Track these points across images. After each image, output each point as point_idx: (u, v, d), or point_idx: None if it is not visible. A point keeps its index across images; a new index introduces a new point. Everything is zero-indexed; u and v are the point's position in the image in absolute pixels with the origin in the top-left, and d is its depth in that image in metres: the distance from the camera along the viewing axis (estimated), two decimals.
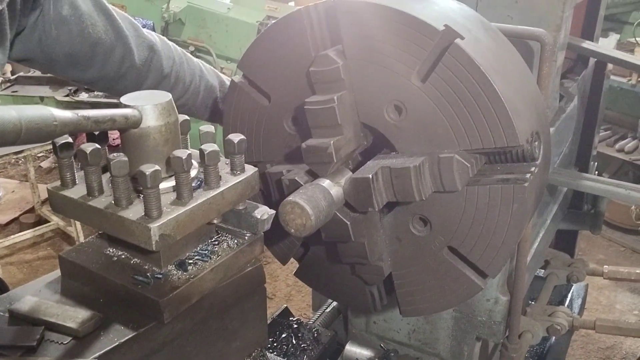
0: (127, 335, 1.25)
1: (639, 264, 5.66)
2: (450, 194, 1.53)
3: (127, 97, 1.31)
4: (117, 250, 1.39)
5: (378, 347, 2.55)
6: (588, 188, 2.53)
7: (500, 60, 1.56)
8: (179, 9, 5.06)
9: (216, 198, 1.32)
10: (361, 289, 1.80)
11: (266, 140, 1.79)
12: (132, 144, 1.30)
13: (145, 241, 1.21)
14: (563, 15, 2.07)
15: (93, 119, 1.16)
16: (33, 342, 1.21)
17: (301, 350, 2.48)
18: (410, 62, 1.49)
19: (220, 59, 5.04)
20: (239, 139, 1.38)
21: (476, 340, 2.37)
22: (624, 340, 4.76)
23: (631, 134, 6.08)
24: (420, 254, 1.65)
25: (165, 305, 1.27)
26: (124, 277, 1.32)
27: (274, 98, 1.72)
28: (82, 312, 1.27)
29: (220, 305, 1.44)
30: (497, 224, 1.52)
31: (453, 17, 1.55)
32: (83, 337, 1.23)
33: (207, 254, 1.39)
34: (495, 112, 1.43)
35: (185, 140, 1.47)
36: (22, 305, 1.30)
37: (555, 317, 2.62)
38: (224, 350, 1.49)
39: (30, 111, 1.02)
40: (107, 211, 1.25)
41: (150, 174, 1.17)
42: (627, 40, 5.96)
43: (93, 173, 1.27)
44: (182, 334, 1.36)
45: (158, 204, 1.21)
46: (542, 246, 2.67)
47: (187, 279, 1.32)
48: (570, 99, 2.59)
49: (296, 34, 1.62)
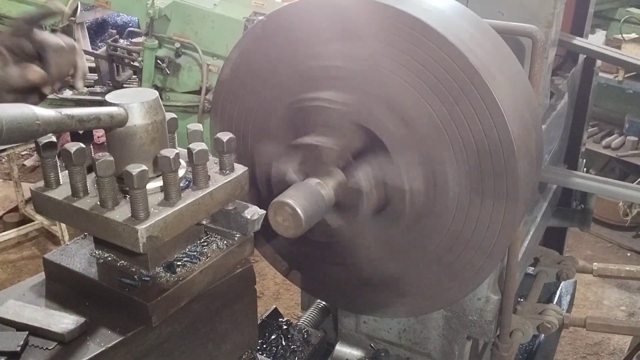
0: (114, 339, 1.21)
1: (626, 260, 5.70)
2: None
3: (113, 95, 1.28)
4: (104, 252, 1.36)
5: (368, 347, 2.53)
6: (578, 185, 2.53)
7: (496, 61, 1.57)
8: (164, 5, 5.00)
9: (205, 198, 1.29)
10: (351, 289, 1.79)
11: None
12: (117, 143, 1.27)
13: (133, 243, 1.18)
14: (554, 11, 2.06)
15: (77, 118, 1.12)
16: (17, 348, 1.17)
17: (291, 351, 2.46)
18: (413, 68, 1.49)
19: (206, 55, 4.99)
20: (228, 138, 1.35)
21: (467, 340, 2.36)
22: (611, 336, 4.78)
23: (618, 130, 6.11)
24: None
25: (154, 308, 1.24)
26: (111, 280, 1.29)
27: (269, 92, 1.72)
28: (67, 316, 1.24)
29: (210, 308, 1.41)
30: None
31: (452, 18, 1.55)
32: (69, 343, 1.19)
33: (196, 256, 1.36)
34: (493, 119, 1.44)
35: (172, 139, 1.43)
36: (5, 310, 1.26)
37: (546, 315, 2.60)
38: (214, 353, 1.46)
39: (12, 110, 0.98)
40: (93, 212, 1.21)
41: (137, 174, 1.14)
42: (613, 36, 5.98)
43: (78, 173, 1.24)
44: (171, 338, 1.33)
45: (145, 205, 1.18)
46: (532, 244, 2.66)
47: (175, 281, 1.29)
48: (560, 96, 2.58)
49: (296, 26, 1.61)
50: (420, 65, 1.52)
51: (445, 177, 1.62)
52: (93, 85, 5.54)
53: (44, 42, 1.46)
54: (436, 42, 1.49)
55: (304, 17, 1.65)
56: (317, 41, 1.64)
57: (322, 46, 1.64)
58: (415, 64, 1.53)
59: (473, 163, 1.57)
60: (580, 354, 4.70)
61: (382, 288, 1.88)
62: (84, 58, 1.65)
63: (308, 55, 1.67)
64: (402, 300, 1.90)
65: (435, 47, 1.49)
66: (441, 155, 1.59)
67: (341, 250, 1.82)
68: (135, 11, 5.26)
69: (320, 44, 1.64)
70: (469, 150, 1.56)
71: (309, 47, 1.66)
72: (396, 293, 1.88)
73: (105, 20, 9.07)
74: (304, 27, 1.65)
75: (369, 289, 1.91)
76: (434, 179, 1.63)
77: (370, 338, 2.52)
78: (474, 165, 1.57)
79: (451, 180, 1.61)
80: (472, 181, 1.59)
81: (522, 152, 1.54)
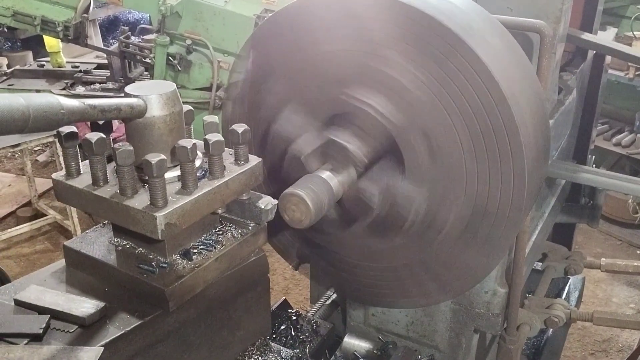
0: (132, 323, 1.26)
1: (636, 257, 5.68)
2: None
3: (132, 87, 1.32)
4: (122, 239, 1.40)
5: (376, 339, 2.56)
6: (586, 180, 2.54)
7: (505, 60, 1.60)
8: (176, 2, 5.03)
9: (221, 188, 1.33)
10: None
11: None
12: (137, 134, 1.31)
13: (152, 230, 1.22)
14: (563, 7, 2.08)
15: (99, 108, 1.17)
16: (39, 330, 1.21)
17: (300, 341, 2.48)
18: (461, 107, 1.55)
19: (217, 52, 5.02)
20: (243, 129, 1.39)
21: (474, 333, 2.38)
22: (620, 333, 4.78)
23: (628, 127, 6.10)
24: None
25: (171, 294, 1.28)
26: (129, 266, 1.33)
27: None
28: (87, 300, 1.28)
29: (225, 295, 1.45)
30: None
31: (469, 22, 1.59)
32: (89, 326, 1.24)
33: (211, 244, 1.40)
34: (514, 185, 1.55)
35: (189, 130, 1.47)
36: (27, 294, 1.30)
37: (553, 309, 2.62)
38: (228, 339, 1.50)
39: (38, 99, 1.02)
40: (113, 200, 1.25)
41: (156, 163, 1.18)
42: (624, 34, 5.96)
43: (98, 162, 1.28)
44: (187, 323, 1.37)
45: (164, 193, 1.22)
46: (540, 239, 2.68)
47: (192, 268, 1.33)
48: (569, 91, 2.59)
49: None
50: (469, 107, 1.56)
51: (447, 216, 1.70)
52: (105, 81, 5.60)
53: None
54: (492, 90, 1.53)
55: (376, 12, 1.64)
56: (386, 43, 1.62)
57: (388, 50, 1.62)
58: (464, 103, 1.57)
59: (477, 214, 1.66)
60: (589, 351, 4.70)
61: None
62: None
63: (374, 53, 1.64)
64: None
65: (490, 97, 1.54)
66: (451, 198, 1.66)
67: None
68: (147, 8, 5.30)
69: (389, 47, 1.62)
70: (478, 203, 1.64)
71: (377, 45, 1.63)
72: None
73: (117, 17, 9.14)
74: (376, 23, 1.62)
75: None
76: (435, 214, 1.71)
77: (379, 330, 2.55)
78: (476, 216, 1.67)
79: (452, 219, 1.70)
80: (468, 227, 1.69)
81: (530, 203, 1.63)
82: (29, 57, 8.01)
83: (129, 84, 4.93)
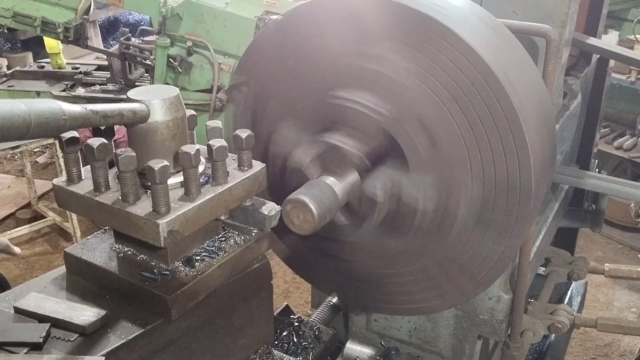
0: (134, 332, 1.24)
1: (637, 261, 5.67)
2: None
3: (134, 92, 1.30)
4: (124, 246, 1.38)
5: (379, 345, 2.54)
6: (590, 185, 2.53)
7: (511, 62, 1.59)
8: (176, 4, 5.02)
9: (224, 194, 1.31)
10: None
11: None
12: (139, 139, 1.29)
13: (154, 237, 1.20)
14: (569, 11, 2.06)
15: (102, 114, 1.15)
16: (39, 339, 1.19)
17: (302, 348, 2.46)
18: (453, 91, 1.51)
19: (218, 54, 5.01)
20: (247, 135, 1.37)
21: (477, 339, 2.36)
22: (622, 338, 4.77)
23: (630, 131, 6.09)
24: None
25: (173, 301, 1.26)
26: (131, 274, 1.31)
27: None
28: (88, 308, 1.26)
29: (227, 302, 1.43)
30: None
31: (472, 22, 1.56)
32: (90, 334, 1.22)
33: (214, 251, 1.38)
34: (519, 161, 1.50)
35: (191, 135, 1.46)
36: (27, 302, 1.28)
37: (557, 315, 2.60)
38: (231, 347, 1.48)
39: (40, 105, 1.00)
40: (115, 207, 1.23)
41: (159, 169, 1.16)
42: (626, 37, 5.95)
43: (100, 168, 1.26)
44: (189, 331, 1.35)
45: (166, 200, 1.20)
46: (543, 244, 2.66)
47: (194, 276, 1.31)
48: (573, 96, 2.58)
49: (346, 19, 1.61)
50: (461, 90, 1.53)
51: (457, 204, 1.65)
52: (105, 83, 5.58)
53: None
54: (480, 69, 1.50)
55: (359, 12, 1.63)
56: (366, 40, 1.61)
57: (369, 47, 1.61)
58: (456, 87, 1.54)
59: (488, 196, 1.61)
60: (590, 355, 4.69)
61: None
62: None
63: (354, 52, 1.64)
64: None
65: (479, 76, 1.50)
66: (460, 183, 1.62)
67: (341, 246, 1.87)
68: (147, 10, 5.29)
69: (369, 43, 1.61)
70: (487, 183, 1.60)
71: (357, 44, 1.63)
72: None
73: (118, 18, 9.13)
74: (356, 22, 1.62)
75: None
76: (447, 204, 1.67)
77: (381, 336, 2.53)
78: (488, 198, 1.62)
79: (463, 207, 1.65)
80: (482, 213, 1.64)
81: (538, 198, 1.57)
82: (29, 58, 7.99)
83: (129, 85, 4.91)
